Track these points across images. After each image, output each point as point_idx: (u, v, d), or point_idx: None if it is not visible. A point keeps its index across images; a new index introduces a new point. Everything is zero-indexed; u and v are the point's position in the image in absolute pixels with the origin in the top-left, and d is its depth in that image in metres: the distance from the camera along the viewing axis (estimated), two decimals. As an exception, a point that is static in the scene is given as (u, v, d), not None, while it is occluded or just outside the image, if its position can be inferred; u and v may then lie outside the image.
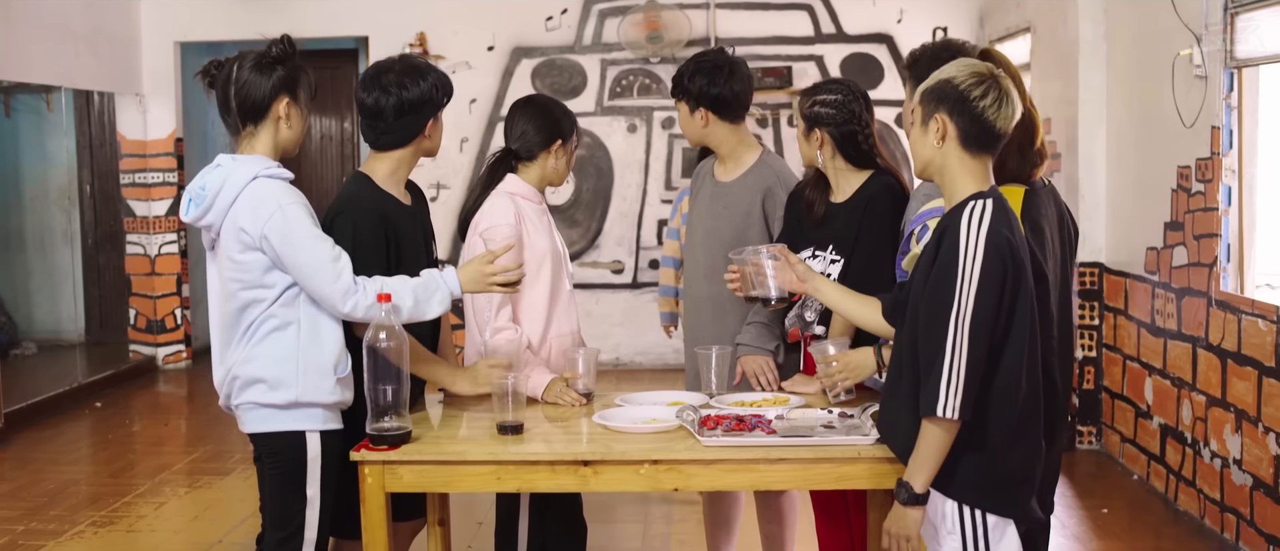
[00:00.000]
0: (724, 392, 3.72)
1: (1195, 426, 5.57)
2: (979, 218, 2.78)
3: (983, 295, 2.73)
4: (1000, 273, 2.74)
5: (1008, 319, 2.77)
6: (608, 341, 9.63)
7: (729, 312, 4.09)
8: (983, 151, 2.85)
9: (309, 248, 3.22)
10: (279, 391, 3.26)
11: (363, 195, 3.54)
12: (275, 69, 3.31)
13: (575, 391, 3.68)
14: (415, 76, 3.52)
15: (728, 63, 4.11)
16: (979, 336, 2.74)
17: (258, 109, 3.31)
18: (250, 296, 3.27)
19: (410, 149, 3.60)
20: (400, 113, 3.51)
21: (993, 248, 2.74)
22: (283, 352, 3.26)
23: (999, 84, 2.83)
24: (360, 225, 3.46)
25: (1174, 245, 5.81)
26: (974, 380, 2.75)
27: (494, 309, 3.74)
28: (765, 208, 4.09)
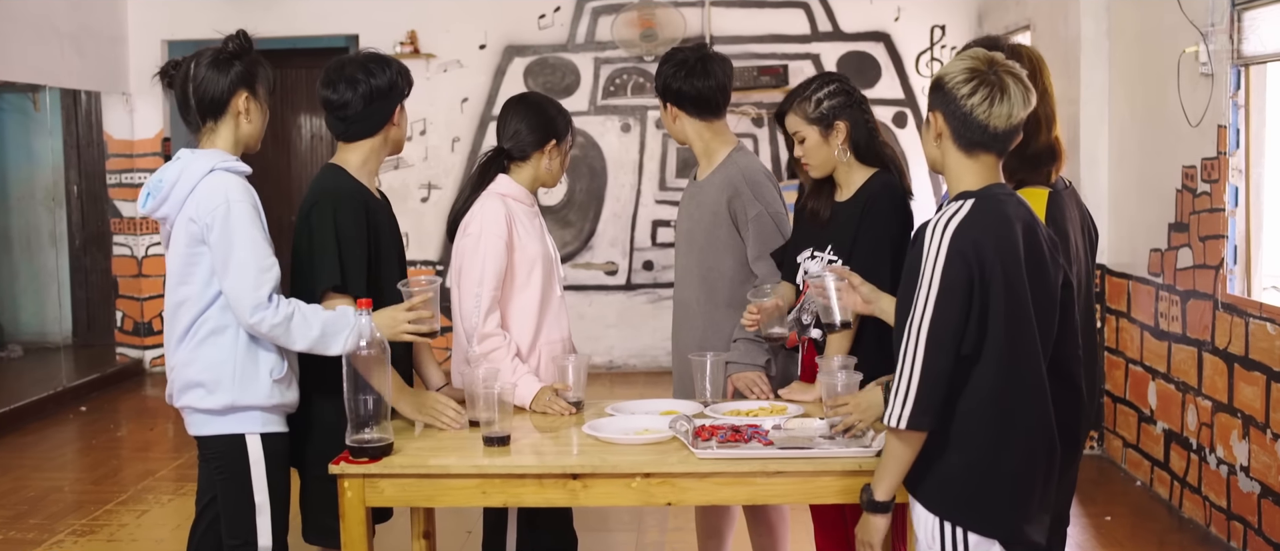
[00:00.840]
0: (718, 401, 3.60)
1: (1201, 432, 5.45)
2: (947, 219, 2.66)
3: (943, 302, 2.61)
4: (963, 278, 2.61)
5: (980, 328, 2.63)
6: (601, 344, 9.53)
7: (706, 315, 3.96)
8: (979, 150, 2.72)
9: (243, 247, 3.19)
10: (216, 395, 3.26)
11: (341, 185, 3.48)
12: (233, 64, 3.31)
13: (565, 401, 3.56)
14: (379, 65, 3.52)
15: (700, 58, 3.99)
16: (938, 345, 2.61)
17: (216, 105, 3.30)
18: (186, 293, 3.25)
19: (380, 138, 3.56)
20: (369, 100, 3.48)
21: (956, 252, 2.61)
22: (220, 356, 3.26)
23: (997, 80, 2.68)
24: (341, 215, 3.40)
25: (1179, 247, 5.69)
26: (930, 391, 2.62)
27: (481, 314, 3.62)
28: (732, 209, 3.94)
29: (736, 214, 3.92)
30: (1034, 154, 3.01)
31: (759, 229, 3.91)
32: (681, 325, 4.10)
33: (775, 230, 3.90)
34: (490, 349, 3.62)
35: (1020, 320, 2.65)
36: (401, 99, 3.57)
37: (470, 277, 3.66)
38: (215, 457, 3.34)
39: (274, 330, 3.20)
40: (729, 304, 3.94)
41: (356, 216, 3.42)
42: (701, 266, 3.98)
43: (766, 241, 3.91)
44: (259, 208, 3.28)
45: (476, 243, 3.67)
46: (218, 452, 3.33)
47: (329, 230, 3.37)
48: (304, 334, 3.22)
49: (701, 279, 3.98)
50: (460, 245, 3.74)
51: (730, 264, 3.95)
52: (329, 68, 3.52)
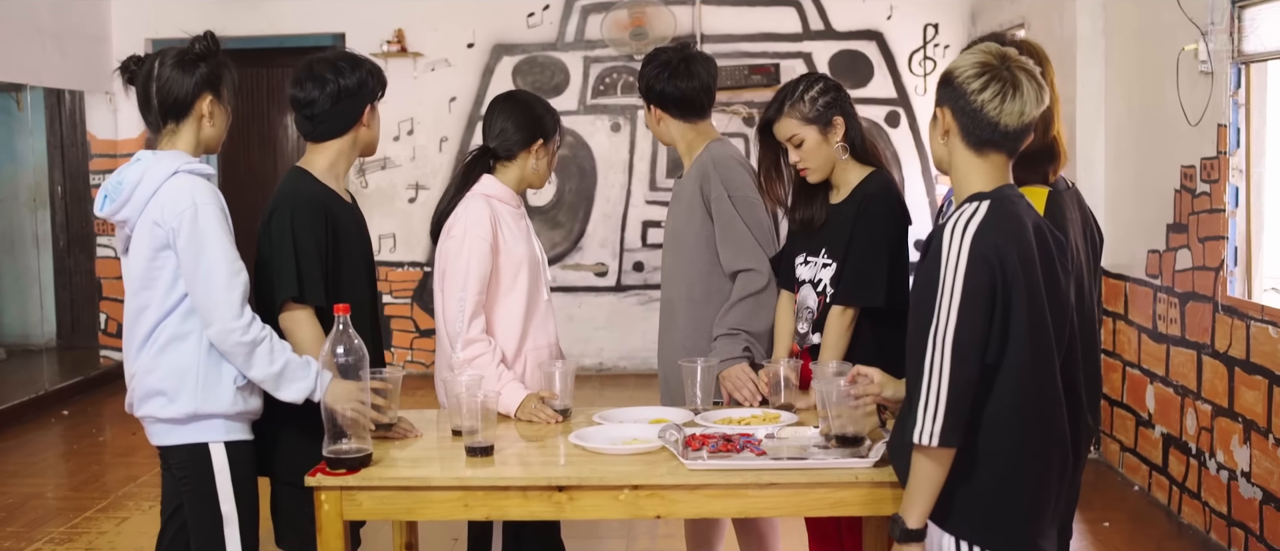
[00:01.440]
0: (709, 408, 3.50)
1: (1200, 436, 5.36)
2: (965, 222, 2.53)
3: (967, 310, 2.48)
4: (987, 283, 2.48)
5: (1002, 336, 2.51)
6: (591, 346, 9.43)
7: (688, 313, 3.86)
8: (989, 148, 2.60)
9: (212, 252, 3.10)
10: (177, 404, 3.16)
11: (300, 189, 3.39)
12: (197, 66, 3.21)
13: (551, 409, 3.46)
14: (349, 64, 3.44)
15: (683, 59, 3.88)
16: (963, 356, 2.48)
17: (180, 106, 3.20)
18: (148, 299, 3.16)
19: (348, 139, 3.47)
20: (336, 99, 3.40)
21: (978, 255, 2.49)
22: (182, 364, 3.16)
23: (1009, 75, 2.57)
24: (299, 222, 3.30)
25: (1177, 248, 5.60)
26: (958, 404, 2.48)
27: (466, 319, 3.52)
28: (702, 192, 3.84)
29: (708, 197, 3.83)
30: (1033, 152, 2.90)
31: (720, 212, 3.81)
32: (667, 327, 4.00)
33: (735, 215, 3.77)
34: (474, 355, 3.52)
35: (1041, 326, 2.55)
36: (372, 99, 3.48)
37: (454, 281, 3.56)
38: (179, 468, 3.24)
39: (237, 349, 3.10)
40: (709, 299, 3.83)
41: (316, 223, 3.33)
42: (683, 263, 3.89)
43: (727, 226, 3.79)
44: (226, 211, 3.18)
45: (460, 245, 3.57)
46: (181, 462, 3.23)
47: (286, 239, 3.29)
48: (263, 365, 3.12)
49: (684, 277, 3.89)
50: (444, 247, 3.64)
51: (708, 257, 3.85)
52: (299, 66, 3.44)
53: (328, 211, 3.38)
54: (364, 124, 3.46)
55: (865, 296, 3.53)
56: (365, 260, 3.52)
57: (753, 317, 3.75)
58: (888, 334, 3.61)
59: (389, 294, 9.57)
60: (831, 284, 3.61)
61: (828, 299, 3.62)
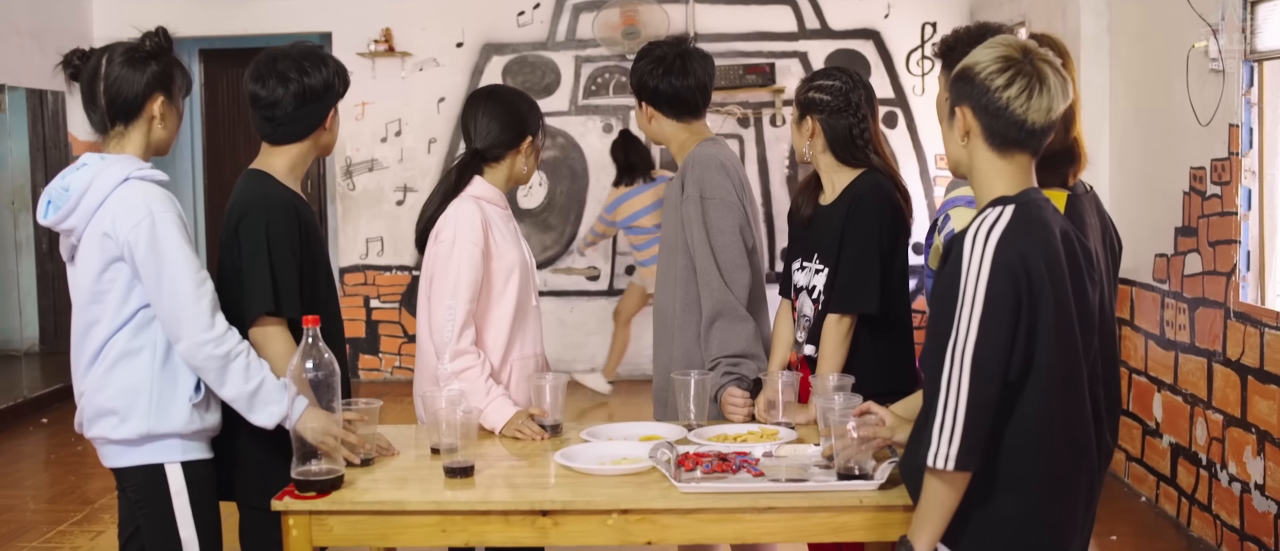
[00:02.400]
0: (703, 423, 3.32)
1: (1211, 447, 5.18)
2: (988, 229, 2.33)
3: (989, 322, 2.27)
4: (1011, 294, 2.28)
5: (1027, 352, 2.31)
6: (583, 352, 9.25)
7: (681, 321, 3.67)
8: (1014, 149, 2.41)
9: (174, 262, 2.90)
10: (129, 423, 2.97)
11: (271, 193, 3.18)
12: (149, 64, 3.01)
13: (537, 425, 3.27)
14: (315, 63, 3.21)
15: (679, 55, 3.68)
16: (984, 372, 2.27)
17: (130, 107, 3.01)
18: (97, 313, 2.97)
19: (309, 143, 3.27)
20: (300, 101, 3.18)
21: (1001, 264, 2.29)
22: (134, 381, 2.97)
23: (1033, 69, 2.38)
24: (274, 230, 3.10)
25: (1186, 252, 5.42)
26: (977, 425, 2.28)
27: (456, 329, 3.33)
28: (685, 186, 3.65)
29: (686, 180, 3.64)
30: (1053, 153, 2.72)
31: (686, 214, 3.61)
32: (661, 337, 3.79)
33: (699, 217, 3.56)
34: (463, 367, 3.34)
35: (1069, 341, 2.35)
36: (337, 100, 3.28)
37: (443, 288, 3.37)
38: (134, 491, 3.05)
39: (210, 363, 2.91)
40: (685, 306, 3.64)
41: (290, 231, 3.13)
42: (673, 268, 3.69)
43: (690, 227, 3.59)
44: (183, 218, 2.99)
45: (450, 250, 3.38)
46: (136, 485, 3.04)
47: (260, 247, 3.08)
48: (238, 383, 2.93)
49: (671, 281, 3.69)
50: (432, 252, 3.45)
51: (686, 260, 3.65)
52: (259, 61, 3.21)
53: (301, 218, 3.20)
54: (326, 128, 3.27)
55: (858, 303, 3.37)
56: (328, 268, 3.34)
57: (728, 340, 3.55)
58: (886, 342, 3.45)
59: (377, 298, 9.40)
60: (825, 291, 3.44)
61: (821, 306, 3.45)
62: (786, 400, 3.31)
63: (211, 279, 3.00)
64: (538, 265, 9.29)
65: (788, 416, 3.31)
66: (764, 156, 9.19)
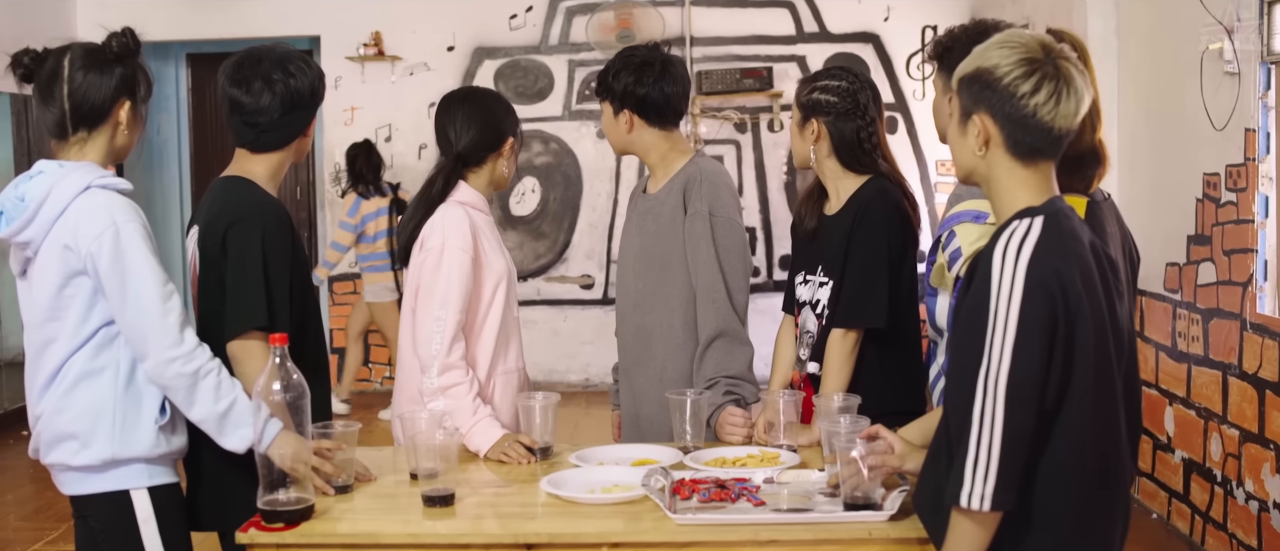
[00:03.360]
0: (701, 444, 3.13)
1: (1226, 463, 5.00)
2: (1018, 243, 2.12)
3: (1024, 347, 2.07)
4: (1047, 315, 2.08)
5: (1063, 377, 2.11)
6: (576, 361, 9.08)
7: (659, 341, 3.48)
8: (1039, 157, 2.21)
9: (140, 275, 2.72)
10: (92, 448, 2.78)
11: (261, 200, 3.00)
12: (114, 68, 2.83)
13: (525, 448, 3.09)
14: (299, 64, 3.02)
15: (659, 60, 3.48)
16: (1020, 402, 2.07)
17: (95, 113, 2.82)
18: (55, 331, 2.78)
19: (292, 150, 3.09)
20: (289, 106, 3.00)
21: (1036, 282, 2.08)
22: (95, 403, 2.78)
23: (1057, 70, 2.18)
24: (269, 239, 2.93)
25: (1199, 261, 5.24)
26: (1013, 460, 2.07)
27: (446, 343, 3.14)
28: (685, 205, 3.43)
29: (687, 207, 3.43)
30: (1077, 156, 2.53)
31: (692, 229, 3.39)
32: (639, 357, 3.57)
33: (707, 234, 3.36)
34: (451, 383, 3.15)
35: (1106, 364, 2.15)
36: (319, 104, 3.11)
37: (431, 298, 3.18)
38: (97, 520, 2.85)
39: (178, 381, 2.73)
40: (685, 326, 3.46)
41: (285, 243, 2.96)
42: (666, 287, 3.49)
43: (693, 246, 3.38)
44: (148, 228, 2.81)
45: (439, 257, 3.20)
46: (100, 514, 2.84)
47: (255, 259, 2.89)
48: (208, 403, 2.75)
49: (665, 302, 3.48)
50: (418, 260, 3.27)
51: (686, 279, 3.43)
52: (239, 62, 3.02)
53: (291, 228, 3.03)
54: (307, 134, 3.09)
55: (865, 317, 3.18)
56: (313, 283, 3.16)
57: (728, 360, 3.35)
58: (894, 359, 3.25)
59: (366, 307, 9.20)
60: (830, 304, 3.25)
61: (825, 321, 3.26)
62: (788, 420, 3.12)
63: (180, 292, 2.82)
64: (532, 274, 9.20)
65: (789, 438, 3.12)
66: (761, 162, 9.01)
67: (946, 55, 2.87)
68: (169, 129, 10.64)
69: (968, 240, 2.79)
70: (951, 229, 2.84)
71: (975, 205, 2.82)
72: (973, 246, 2.78)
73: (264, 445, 2.65)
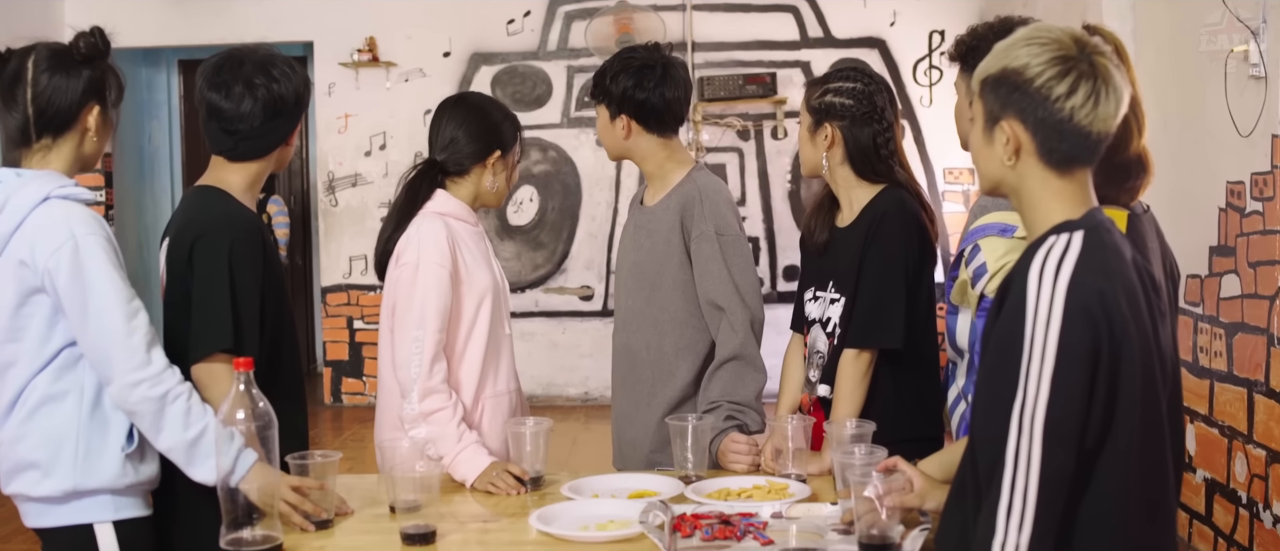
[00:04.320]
0: (703, 474, 2.92)
1: (1252, 484, 4.78)
2: (1056, 262, 1.90)
3: (1064, 380, 1.85)
4: (1089, 343, 1.86)
5: (1107, 411, 1.88)
6: (576, 374, 8.88)
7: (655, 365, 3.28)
8: (1077, 164, 1.99)
9: (102, 291, 2.51)
10: (53, 478, 2.57)
11: (231, 211, 2.80)
12: (82, 70, 2.63)
13: (514, 478, 2.87)
14: (283, 69, 2.82)
15: (660, 62, 3.28)
16: (1059, 441, 1.85)
17: (62, 119, 2.62)
18: (13, 354, 2.58)
19: (273, 158, 2.89)
20: (272, 113, 2.81)
21: (1077, 306, 1.86)
22: (57, 430, 2.58)
23: (1093, 68, 1.96)
24: (237, 254, 2.72)
25: (1222, 273, 5.03)
26: (1051, 505, 1.85)
27: (425, 364, 2.93)
28: (684, 226, 3.23)
29: (688, 231, 3.23)
30: (1122, 165, 2.32)
31: (700, 251, 3.20)
32: (627, 379, 3.38)
33: (718, 255, 3.17)
34: (433, 408, 2.94)
35: (1153, 395, 1.93)
36: (303, 113, 2.92)
37: (408, 318, 2.97)
38: None
39: (144, 406, 2.52)
40: (681, 355, 3.25)
41: (255, 258, 2.75)
42: (653, 308, 3.28)
43: (705, 268, 3.18)
44: (112, 240, 2.60)
45: (414, 273, 2.99)
46: (62, 548, 2.64)
47: (221, 276, 2.69)
48: (176, 430, 2.54)
49: (653, 322, 3.27)
50: (393, 277, 3.06)
51: (684, 304, 3.25)
52: (219, 64, 2.82)
53: (263, 241, 2.82)
54: (289, 143, 2.89)
55: (880, 337, 2.97)
56: (288, 303, 2.94)
57: (737, 385, 3.15)
58: (911, 382, 3.04)
59: (361, 319, 9.00)
60: (841, 323, 3.04)
61: (837, 341, 3.05)
62: (797, 447, 2.91)
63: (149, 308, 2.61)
64: (530, 285, 8.99)
65: (798, 466, 2.90)
66: (765, 170, 8.81)
67: (971, 55, 2.65)
68: (160, 137, 10.45)
69: (994, 255, 2.59)
70: (976, 243, 2.63)
71: (1002, 217, 2.61)
72: (1000, 262, 2.57)
73: (237, 477, 2.45)
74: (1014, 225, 2.60)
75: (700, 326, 3.23)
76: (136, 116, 9.92)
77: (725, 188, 3.34)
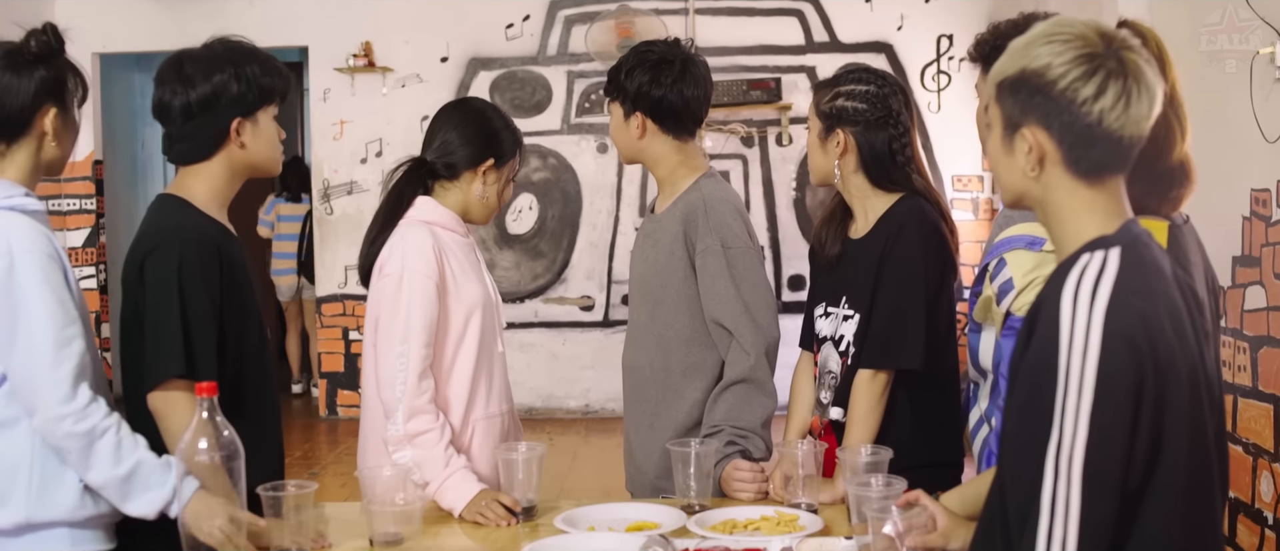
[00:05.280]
0: (707, 502, 2.72)
1: (1278, 505, 4.59)
2: (1092, 284, 1.71)
3: (1105, 416, 1.65)
4: (1132, 375, 1.66)
5: (1152, 448, 1.68)
6: (576, 387, 8.70)
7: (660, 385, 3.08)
8: (1108, 172, 1.80)
9: (33, 314, 2.34)
10: (5, 510, 2.40)
11: (184, 223, 2.60)
12: (35, 69, 2.46)
13: (504, 508, 2.68)
14: (217, 66, 2.63)
15: (679, 58, 3.08)
16: (1101, 485, 1.66)
17: (15, 123, 2.45)
18: None
19: (219, 162, 2.67)
20: (188, 114, 2.61)
21: (1118, 333, 1.67)
22: (9, 458, 2.40)
23: (1122, 65, 1.77)
24: (187, 269, 2.52)
25: (1247, 284, 4.84)
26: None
27: (410, 382, 2.74)
28: (687, 238, 3.03)
29: (691, 242, 3.02)
30: (1163, 173, 2.13)
31: (705, 266, 2.99)
32: (635, 397, 3.18)
33: (724, 271, 2.96)
34: (419, 431, 2.75)
35: (1199, 421, 1.74)
36: (245, 108, 2.65)
37: (391, 332, 2.78)
38: None
39: (69, 442, 2.34)
40: (689, 375, 3.06)
41: (209, 272, 2.55)
42: (657, 324, 3.08)
43: (711, 284, 2.98)
44: (58, 257, 2.42)
45: (398, 285, 2.80)
46: None
47: (170, 294, 2.50)
48: (106, 466, 2.36)
49: (658, 339, 3.07)
50: (377, 288, 2.87)
51: (689, 321, 3.05)
52: (166, 61, 2.67)
53: (222, 255, 2.61)
54: (236, 142, 2.65)
55: (898, 356, 2.78)
56: (259, 320, 2.74)
57: (743, 409, 2.95)
58: (929, 404, 2.85)
59: (356, 330, 8.82)
60: (856, 341, 2.85)
61: (851, 360, 2.86)
62: (807, 474, 2.71)
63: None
64: (530, 295, 8.82)
65: (809, 494, 2.71)
66: (769, 178, 8.63)
67: (993, 56, 2.45)
68: (154, 143, 10.27)
69: (1021, 270, 2.40)
70: (1001, 257, 2.44)
71: (1029, 229, 2.43)
72: (1027, 277, 2.38)
73: (177, 507, 2.27)
74: (1042, 237, 2.42)
75: (709, 344, 3.04)
76: (129, 122, 9.74)
77: (734, 196, 3.14)
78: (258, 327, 2.70)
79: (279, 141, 2.72)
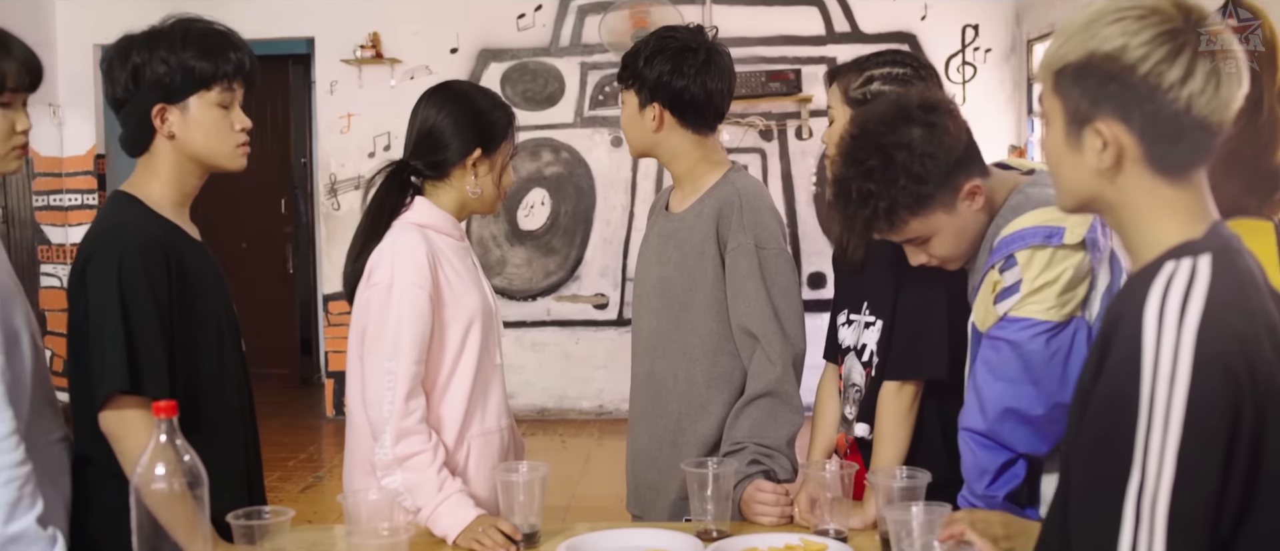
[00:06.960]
0: (726, 527, 2.49)
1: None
2: (1180, 298, 1.47)
3: (1195, 455, 1.42)
4: (1228, 405, 1.43)
5: (1247, 488, 1.45)
6: (589, 387, 8.50)
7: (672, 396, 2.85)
8: (1193, 167, 1.56)
9: None
10: None
11: (127, 223, 2.36)
12: None
13: (503, 535, 2.45)
14: (141, 48, 2.41)
15: (703, 47, 2.82)
16: (1189, 537, 1.42)
17: None
18: None
19: (161, 156, 2.43)
20: (117, 102, 2.42)
21: (1212, 357, 1.43)
22: None
23: (1208, 41, 1.50)
24: (129, 273, 2.28)
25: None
26: None
27: (399, 400, 2.51)
28: (719, 236, 2.79)
29: (723, 238, 2.78)
30: (1267, 172, 1.89)
31: (736, 265, 2.75)
32: (650, 411, 2.93)
33: (756, 272, 2.72)
34: (410, 452, 2.52)
35: None
36: (168, 95, 2.40)
37: (379, 347, 2.56)
38: None
39: None
40: (714, 385, 2.81)
41: (154, 276, 2.31)
42: (683, 331, 2.83)
43: (741, 287, 2.74)
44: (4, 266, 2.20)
45: (387, 294, 2.58)
46: None
47: (111, 301, 2.26)
48: None
49: (682, 349, 2.83)
50: (364, 298, 2.65)
51: (713, 324, 2.80)
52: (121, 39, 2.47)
53: (170, 256, 2.36)
54: (163, 131, 2.40)
55: (925, 366, 2.55)
56: (231, 329, 2.50)
57: (768, 425, 2.71)
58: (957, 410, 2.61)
59: (364, 328, 8.63)
60: (879, 350, 2.61)
61: (874, 372, 2.62)
62: (834, 497, 2.47)
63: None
64: (542, 293, 8.60)
65: (836, 519, 2.47)
66: (789, 172, 8.40)
67: None
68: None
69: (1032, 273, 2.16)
70: (1012, 254, 2.20)
71: (1046, 218, 2.17)
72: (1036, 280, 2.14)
73: None
74: (1061, 227, 2.17)
75: (734, 352, 2.79)
76: (132, 116, 9.60)
77: (768, 193, 2.90)
78: (220, 338, 2.45)
79: (232, 131, 2.46)
